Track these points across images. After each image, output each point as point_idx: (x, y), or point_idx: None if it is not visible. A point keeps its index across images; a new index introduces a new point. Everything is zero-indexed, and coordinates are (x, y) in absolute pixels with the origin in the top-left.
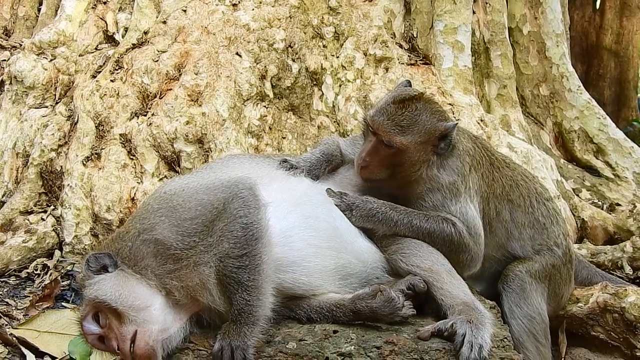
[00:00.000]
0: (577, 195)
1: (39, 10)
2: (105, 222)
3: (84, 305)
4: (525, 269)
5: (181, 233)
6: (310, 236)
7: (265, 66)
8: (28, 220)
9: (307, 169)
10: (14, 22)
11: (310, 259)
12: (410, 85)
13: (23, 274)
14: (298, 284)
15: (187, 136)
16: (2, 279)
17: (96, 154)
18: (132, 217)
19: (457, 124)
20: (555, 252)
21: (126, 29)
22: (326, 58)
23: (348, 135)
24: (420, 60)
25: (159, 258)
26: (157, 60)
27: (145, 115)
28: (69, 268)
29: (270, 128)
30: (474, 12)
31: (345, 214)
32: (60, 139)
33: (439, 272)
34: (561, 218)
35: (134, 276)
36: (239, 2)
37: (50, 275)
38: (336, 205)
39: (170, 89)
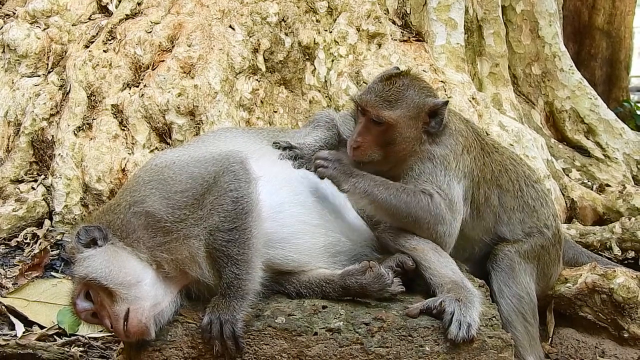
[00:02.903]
0: (567, 175)
1: None
2: (95, 192)
3: (75, 283)
4: (514, 249)
5: (171, 206)
6: (300, 213)
7: (258, 40)
8: (18, 189)
9: (310, 157)
10: None
11: (299, 235)
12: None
13: (13, 243)
14: (287, 261)
15: (178, 108)
16: None
17: (87, 124)
18: (122, 189)
19: (447, 101)
20: (544, 233)
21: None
22: (319, 33)
23: (339, 110)
24: (413, 37)
25: (149, 230)
26: (150, 32)
27: (138, 87)
28: (58, 237)
29: (262, 102)
30: None
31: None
32: (52, 109)
33: (426, 250)
34: (550, 199)
35: (125, 249)
36: None
37: (40, 244)
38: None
39: (163, 61)
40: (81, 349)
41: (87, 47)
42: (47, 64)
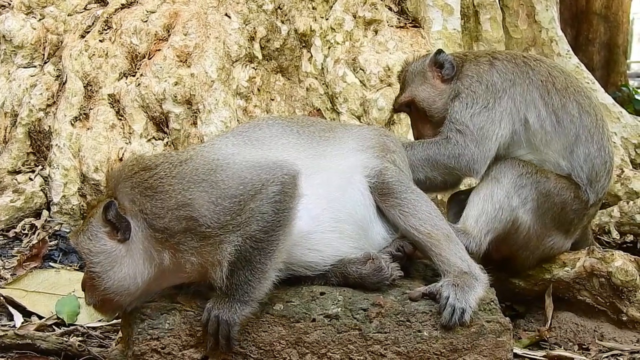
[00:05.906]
0: None
1: None
2: (93, 182)
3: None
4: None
5: (217, 212)
6: (335, 238)
7: (254, 27)
8: (16, 180)
9: None
10: None
11: (327, 257)
12: None
13: (11, 234)
14: (304, 270)
15: (175, 97)
16: None
17: (84, 114)
18: (176, 173)
19: (440, 49)
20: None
21: None
22: (315, 20)
23: (336, 97)
24: (410, 23)
25: (187, 234)
26: (146, 21)
27: (134, 76)
28: (56, 228)
29: (258, 89)
30: None
31: None
32: (48, 99)
33: (438, 237)
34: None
35: (146, 251)
36: None
37: (38, 235)
38: None
39: (159, 50)
40: (80, 338)
41: (83, 37)
42: (43, 55)
